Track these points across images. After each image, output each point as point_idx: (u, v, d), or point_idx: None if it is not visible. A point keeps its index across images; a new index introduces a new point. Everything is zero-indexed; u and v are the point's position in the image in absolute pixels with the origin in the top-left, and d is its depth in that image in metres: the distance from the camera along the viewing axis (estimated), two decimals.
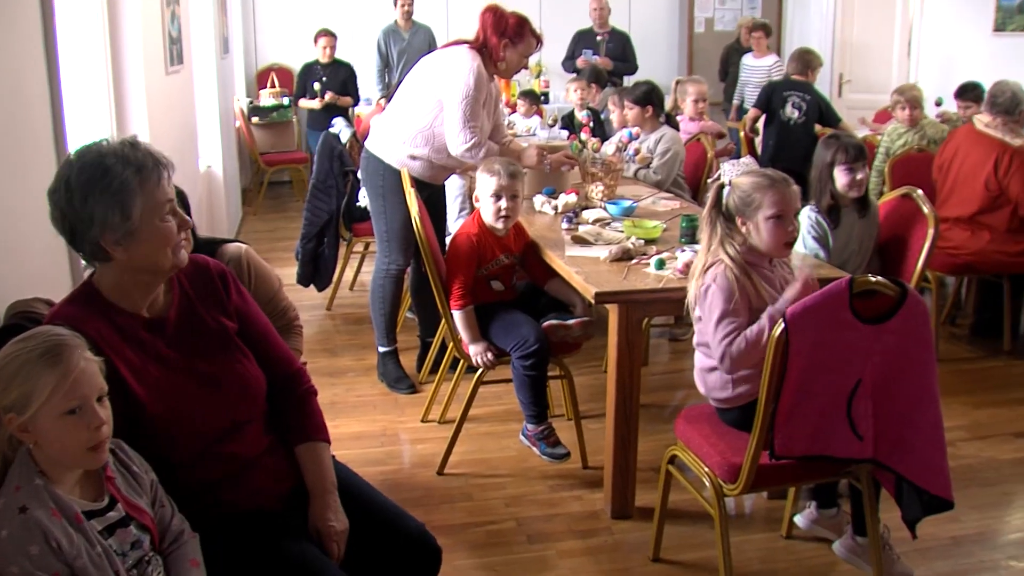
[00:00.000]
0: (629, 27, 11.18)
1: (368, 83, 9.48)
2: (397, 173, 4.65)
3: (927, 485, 2.86)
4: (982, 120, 5.73)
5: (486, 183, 4.03)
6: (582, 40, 9.78)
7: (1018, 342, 5.89)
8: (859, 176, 4.26)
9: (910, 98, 6.82)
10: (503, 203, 4.01)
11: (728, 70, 10.50)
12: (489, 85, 4.64)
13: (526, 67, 5.28)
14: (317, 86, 9.23)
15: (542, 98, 9.99)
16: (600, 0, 9.69)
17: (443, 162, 4.67)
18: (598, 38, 9.71)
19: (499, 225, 4.07)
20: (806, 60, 7.89)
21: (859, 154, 4.27)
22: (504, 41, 4.57)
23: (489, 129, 4.73)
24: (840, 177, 4.28)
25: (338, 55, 9.40)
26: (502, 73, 4.76)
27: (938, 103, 8.12)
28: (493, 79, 4.72)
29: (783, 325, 2.67)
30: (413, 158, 4.66)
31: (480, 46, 4.60)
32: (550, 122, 7.91)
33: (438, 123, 4.56)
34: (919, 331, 2.81)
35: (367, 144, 4.87)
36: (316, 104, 9.20)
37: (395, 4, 9.26)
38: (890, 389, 2.83)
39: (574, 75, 8.54)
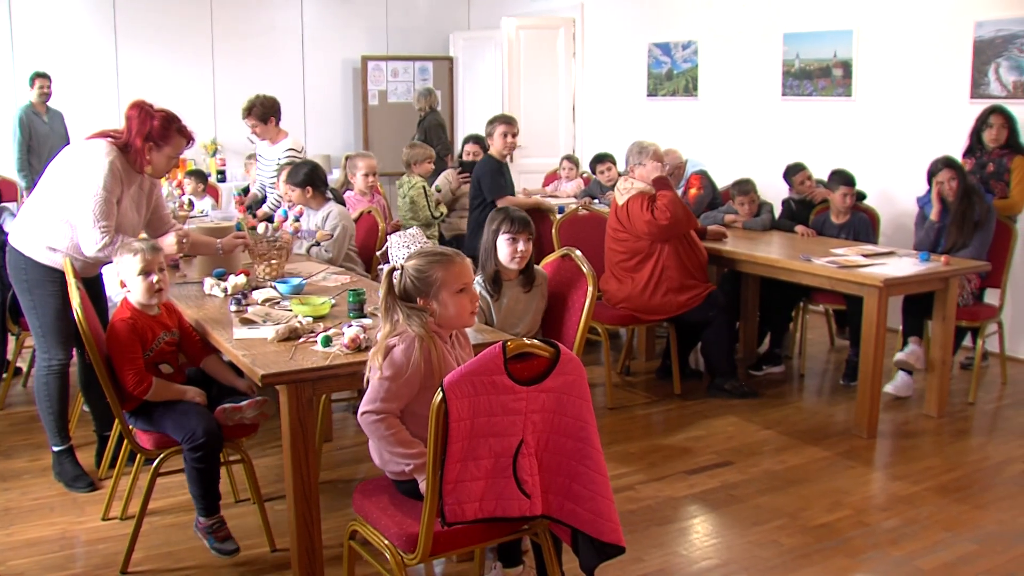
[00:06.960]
0: (303, 98, 11.24)
1: (8, 166, 8.93)
2: (41, 266, 4.46)
3: (598, 533, 2.94)
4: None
5: (131, 264, 3.93)
6: None
7: (686, 384, 6.27)
8: (521, 247, 4.39)
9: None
10: (153, 277, 3.94)
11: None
12: (133, 180, 4.47)
13: (177, 166, 5.18)
14: None
15: (219, 176, 9.85)
16: None
17: (83, 258, 4.43)
18: None
19: (154, 301, 3.99)
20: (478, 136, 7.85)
21: (523, 226, 4.40)
22: (148, 144, 4.37)
23: (139, 224, 4.61)
24: (502, 247, 4.40)
25: None
26: (152, 174, 4.57)
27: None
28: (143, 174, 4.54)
29: (441, 394, 2.72)
30: (53, 250, 4.45)
31: (123, 144, 4.40)
32: None
33: (72, 219, 4.36)
34: (575, 387, 2.91)
35: (10, 237, 4.61)
36: None
37: (31, 84, 8.79)
38: (552, 446, 2.93)
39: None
